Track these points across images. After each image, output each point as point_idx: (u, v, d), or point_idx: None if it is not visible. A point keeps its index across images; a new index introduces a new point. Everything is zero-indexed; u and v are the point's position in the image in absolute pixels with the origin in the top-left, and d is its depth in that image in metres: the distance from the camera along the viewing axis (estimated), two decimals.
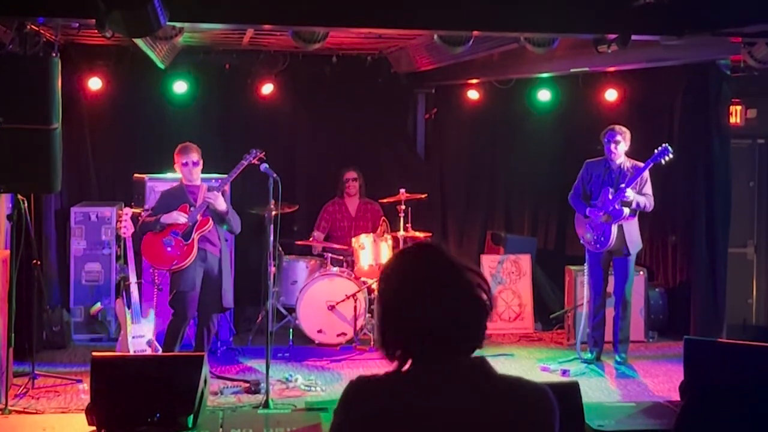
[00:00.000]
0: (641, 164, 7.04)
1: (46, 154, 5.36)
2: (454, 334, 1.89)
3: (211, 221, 6.55)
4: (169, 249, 6.45)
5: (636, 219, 7.17)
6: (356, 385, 1.92)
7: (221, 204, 6.50)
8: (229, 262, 6.85)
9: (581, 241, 7.32)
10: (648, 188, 7.11)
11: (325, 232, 8.70)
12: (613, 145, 7.03)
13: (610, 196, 6.99)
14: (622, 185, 6.96)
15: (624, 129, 7.11)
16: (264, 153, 6.45)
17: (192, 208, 6.53)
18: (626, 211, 6.98)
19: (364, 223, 8.59)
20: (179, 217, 6.48)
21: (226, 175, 6.64)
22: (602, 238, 7.07)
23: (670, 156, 6.97)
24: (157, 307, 6.70)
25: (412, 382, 1.90)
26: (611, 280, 7.30)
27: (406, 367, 1.91)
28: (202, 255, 6.58)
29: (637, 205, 7.02)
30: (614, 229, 7.03)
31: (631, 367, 7.15)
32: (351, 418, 1.90)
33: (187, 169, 6.61)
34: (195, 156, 6.62)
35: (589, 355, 7.28)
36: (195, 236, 6.49)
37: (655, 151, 6.98)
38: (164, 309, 6.84)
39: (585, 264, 7.35)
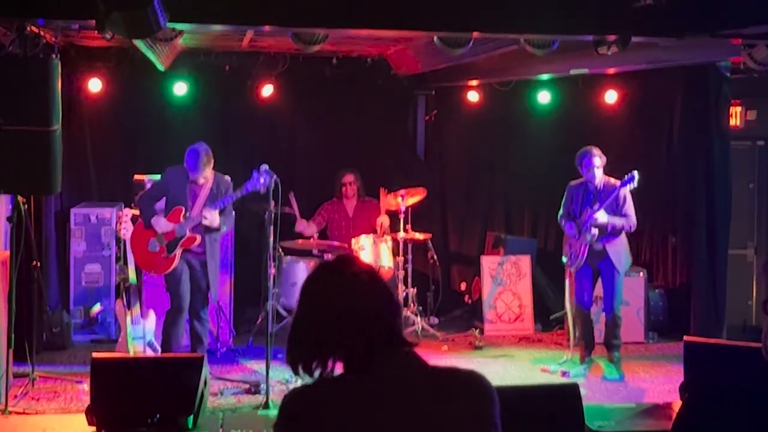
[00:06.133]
0: (616, 182, 6.95)
1: (46, 156, 5.36)
2: (379, 335, 1.92)
3: (198, 238, 6.55)
4: (151, 253, 6.49)
5: (621, 238, 7.05)
6: (292, 396, 1.93)
7: (215, 222, 6.53)
8: (218, 256, 6.81)
9: (563, 259, 7.29)
10: (628, 209, 6.99)
11: (319, 227, 8.67)
12: (595, 170, 6.95)
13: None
14: (595, 206, 6.91)
15: (597, 149, 7.00)
16: (276, 176, 6.28)
17: (185, 217, 6.51)
18: (595, 231, 6.87)
19: (362, 222, 8.58)
20: (166, 228, 6.49)
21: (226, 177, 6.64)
22: (573, 255, 7.06)
23: (635, 185, 6.84)
24: (154, 306, 6.72)
25: (348, 387, 1.92)
26: (599, 283, 7.22)
27: (339, 373, 1.94)
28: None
29: (613, 227, 6.93)
30: (587, 248, 6.94)
31: (621, 373, 7.07)
32: (291, 429, 1.90)
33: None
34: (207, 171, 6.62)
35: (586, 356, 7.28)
36: (177, 252, 6.50)
37: (625, 177, 6.87)
38: (160, 308, 6.85)
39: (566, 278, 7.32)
